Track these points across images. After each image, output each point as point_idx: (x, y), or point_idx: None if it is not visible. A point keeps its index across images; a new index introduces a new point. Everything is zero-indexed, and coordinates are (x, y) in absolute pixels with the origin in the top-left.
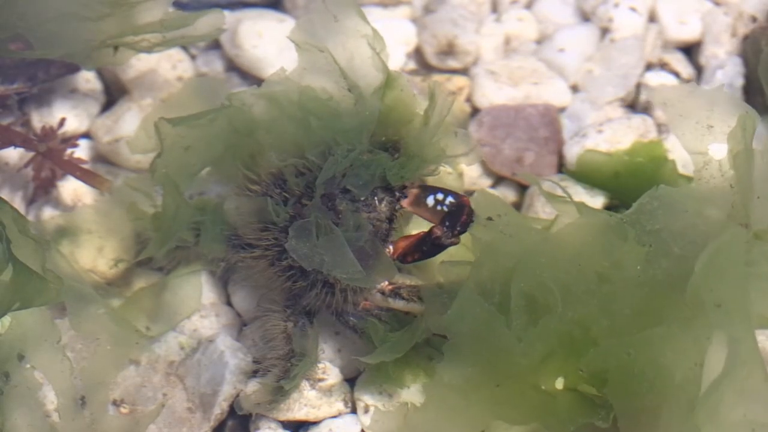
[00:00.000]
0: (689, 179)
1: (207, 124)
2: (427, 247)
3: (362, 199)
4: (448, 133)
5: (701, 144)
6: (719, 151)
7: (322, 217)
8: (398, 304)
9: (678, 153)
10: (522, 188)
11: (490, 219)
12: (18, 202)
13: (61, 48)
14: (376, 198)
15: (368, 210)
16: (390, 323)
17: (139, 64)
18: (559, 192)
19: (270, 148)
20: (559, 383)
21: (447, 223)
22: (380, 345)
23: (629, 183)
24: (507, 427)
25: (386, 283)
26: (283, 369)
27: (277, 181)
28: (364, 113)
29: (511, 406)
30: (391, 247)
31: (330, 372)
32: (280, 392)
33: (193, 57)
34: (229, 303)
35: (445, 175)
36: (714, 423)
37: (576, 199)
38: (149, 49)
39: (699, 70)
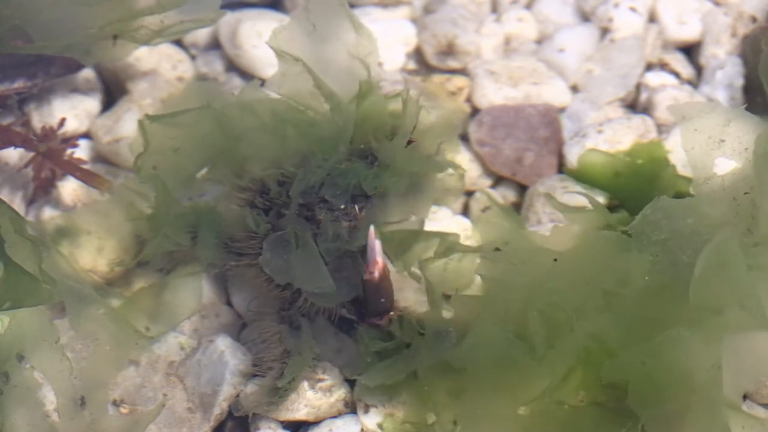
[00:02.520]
0: (689, 180)
1: (194, 124)
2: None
3: (342, 207)
4: (432, 138)
5: (708, 159)
6: (724, 166)
7: (299, 228)
8: None
9: (678, 154)
10: (522, 188)
11: (497, 249)
12: (18, 203)
13: (59, 38)
14: (356, 206)
15: (348, 219)
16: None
17: (139, 64)
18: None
19: (250, 158)
20: (582, 398)
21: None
22: (367, 354)
23: (629, 183)
24: None
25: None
26: (279, 370)
27: (262, 189)
28: (340, 122)
29: (539, 428)
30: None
31: (330, 372)
32: (277, 392)
33: (193, 57)
34: (229, 303)
35: (446, 176)
36: None
37: (576, 200)
38: (148, 40)
39: (699, 70)
